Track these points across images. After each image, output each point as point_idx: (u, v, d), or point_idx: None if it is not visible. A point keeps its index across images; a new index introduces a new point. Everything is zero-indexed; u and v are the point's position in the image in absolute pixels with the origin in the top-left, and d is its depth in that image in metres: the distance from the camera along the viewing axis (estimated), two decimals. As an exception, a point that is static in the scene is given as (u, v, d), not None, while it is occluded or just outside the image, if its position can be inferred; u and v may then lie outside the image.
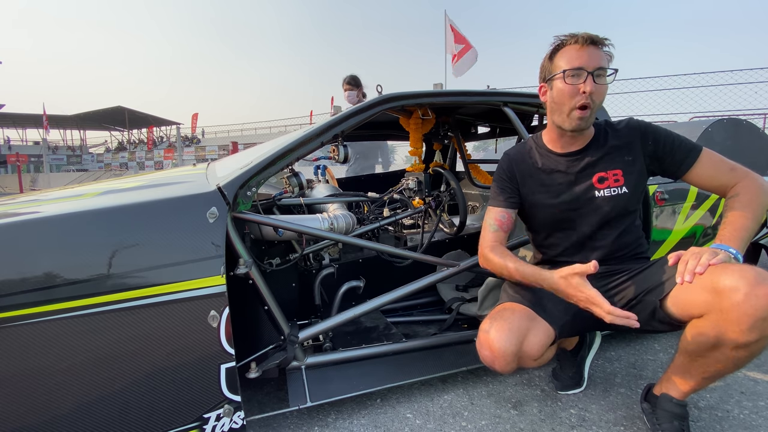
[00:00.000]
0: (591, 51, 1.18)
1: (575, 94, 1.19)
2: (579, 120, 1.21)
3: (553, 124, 1.31)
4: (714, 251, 1.05)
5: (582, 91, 1.17)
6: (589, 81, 1.16)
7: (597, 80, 1.17)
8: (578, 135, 1.29)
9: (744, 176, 1.21)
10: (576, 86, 1.18)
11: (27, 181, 15.18)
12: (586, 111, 1.19)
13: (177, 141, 17.20)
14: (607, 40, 1.20)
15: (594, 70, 1.16)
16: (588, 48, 1.18)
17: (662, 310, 1.14)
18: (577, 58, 1.18)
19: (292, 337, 1.39)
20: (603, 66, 1.18)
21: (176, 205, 1.19)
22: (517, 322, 1.21)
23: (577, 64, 1.17)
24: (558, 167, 1.33)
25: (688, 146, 1.25)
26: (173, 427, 1.13)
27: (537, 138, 1.40)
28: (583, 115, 1.20)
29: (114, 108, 28.09)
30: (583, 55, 1.17)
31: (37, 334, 0.99)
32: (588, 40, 1.18)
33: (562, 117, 1.24)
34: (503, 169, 1.41)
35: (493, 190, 1.42)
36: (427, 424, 1.38)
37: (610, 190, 1.27)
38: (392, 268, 2.03)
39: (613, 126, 1.33)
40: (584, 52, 1.18)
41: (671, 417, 1.20)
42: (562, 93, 1.21)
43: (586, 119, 1.21)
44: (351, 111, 1.51)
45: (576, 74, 1.18)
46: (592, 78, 1.16)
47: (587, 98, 1.17)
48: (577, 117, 1.20)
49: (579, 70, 1.17)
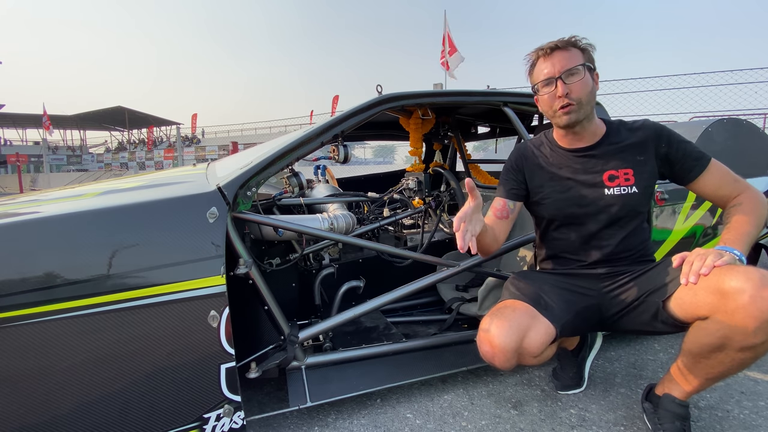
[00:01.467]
0: (556, 57, 1.25)
1: (553, 99, 1.26)
2: (566, 116, 1.26)
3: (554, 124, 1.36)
4: (719, 253, 1.05)
5: (557, 96, 1.25)
6: (560, 84, 1.23)
7: (568, 80, 1.23)
8: (581, 131, 1.31)
9: (746, 188, 1.24)
10: (551, 93, 1.26)
11: (27, 181, 15.18)
12: (569, 107, 1.25)
13: (177, 141, 17.20)
14: (576, 38, 1.27)
15: (561, 73, 1.23)
16: (552, 56, 1.25)
17: (665, 311, 1.14)
18: (544, 69, 1.27)
19: (292, 337, 1.39)
20: (570, 65, 1.23)
21: (176, 205, 1.19)
22: (518, 319, 1.21)
23: (544, 75, 1.26)
24: (568, 162, 1.34)
25: (698, 155, 1.27)
26: (173, 427, 1.13)
27: (548, 133, 1.44)
28: (568, 111, 1.25)
29: (114, 108, 28.09)
30: (548, 65, 1.26)
31: (37, 334, 0.99)
32: (550, 49, 1.26)
33: (554, 118, 1.31)
34: (511, 161, 1.45)
35: (500, 180, 1.46)
36: (427, 424, 1.38)
37: (620, 189, 1.28)
38: (392, 268, 2.03)
39: (627, 125, 1.35)
40: (549, 61, 1.26)
41: (673, 417, 1.20)
42: (544, 103, 1.30)
43: (574, 113, 1.25)
44: (351, 111, 1.51)
45: (547, 83, 1.27)
46: (561, 81, 1.23)
47: (563, 100, 1.24)
48: (563, 114, 1.26)
49: (548, 80, 1.26)
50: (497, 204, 1.40)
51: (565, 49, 1.24)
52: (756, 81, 8.12)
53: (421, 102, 1.74)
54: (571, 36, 1.27)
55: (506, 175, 1.44)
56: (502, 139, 2.90)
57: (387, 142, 3.84)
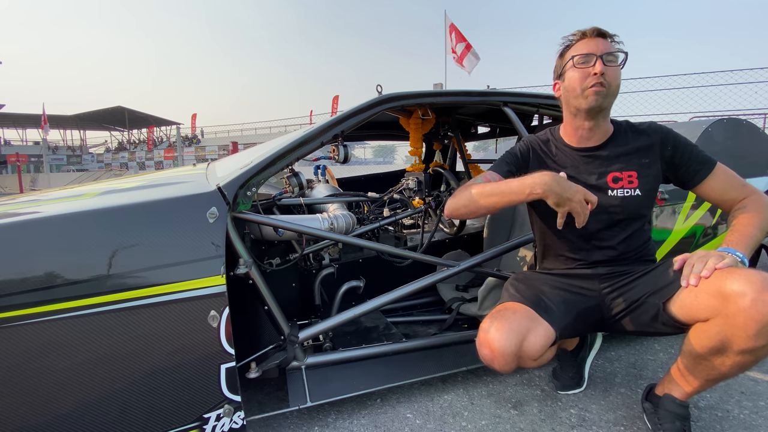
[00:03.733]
0: (599, 41, 1.23)
1: (586, 76, 1.22)
2: (595, 96, 1.21)
3: (569, 117, 1.32)
4: (720, 255, 1.05)
5: (593, 72, 1.20)
6: (599, 63, 1.19)
7: (607, 62, 1.20)
8: (595, 127, 1.28)
9: (753, 192, 1.24)
10: (586, 69, 1.22)
11: (27, 181, 15.18)
12: (601, 88, 1.20)
13: (177, 141, 17.20)
14: (616, 36, 1.25)
15: (603, 53, 1.20)
16: (596, 38, 1.23)
17: (666, 313, 1.14)
18: (585, 46, 1.23)
19: (292, 337, 1.39)
20: (613, 50, 1.21)
21: (176, 205, 1.19)
22: (518, 321, 1.21)
23: (585, 50, 1.22)
24: (573, 162, 1.33)
25: (704, 158, 1.26)
26: (173, 427, 1.13)
27: (554, 131, 1.41)
28: (598, 90, 1.20)
29: (114, 108, 28.09)
30: (591, 43, 1.23)
31: (37, 334, 0.99)
32: (595, 32, 1.23)
33: (578, 99, 1.24)
34: (518, 149, 1.41)
35: (498, 160, 1.42)
36: (427, 424, 1.38)
37: (623, 191, 1.27)
38: (392, 268, 2.03)
39: (634, 127, 1.33)
40: (592, 42, 1.23)
41: (673, 417, 1.20)
42: (574, 79, 1.24)
43: (602, 95, 1.21)
44: (351, 111, 1.51)
45: (585, 60, 1.22)
46: (601, 60, 1.19)
47: (599, 78, 1.19)
48: (593, 93, 1.21)
49: (588, 55, 1.22)
50: (490, 176, 1.34)
51: (608, 39, 1.24)
52: (756, 81, 8.13)
53: (421, 102, 1.74)
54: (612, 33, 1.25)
55: (509, 158, 1.41)
56: (502, 139, 2.90)
57: (387, 142, 3.84)
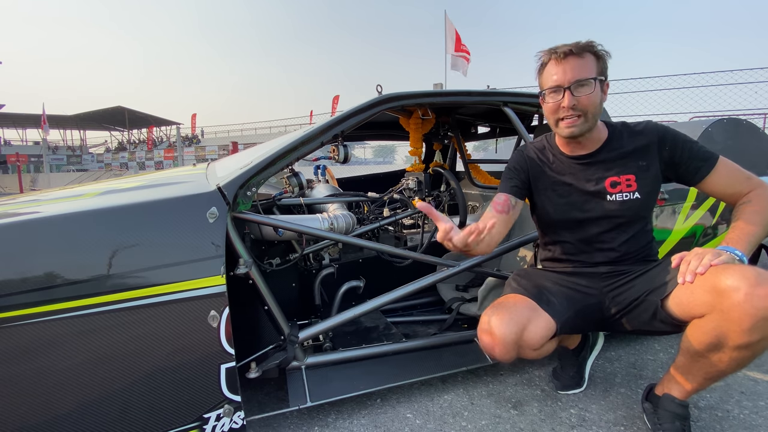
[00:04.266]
0: (569, 64, 1.19)
1: (557, 109, 1.23)
2: (568, 129, 1.24)
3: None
4: (717, 252, 1.05)
5: (562, 106, 1.21)
6: (567, 96, 1.19)
7: (576, 92, 1.18)
8: (583, 140, 1.28)
9: (758, 185, 1.21)
10: (557, 102, 1.22)
11: (27, 181, 15.18)
12: (573, 119, 1.21)
13: (177, 141, 17.20)
14: (592, 43, 1.21)
15: (571, 84, 1.18)
16: (565, 62, 1.19)
17: (664, 311, 1.14)
18: (553, 74, 1.21)
19: (292, 337, 1.39)
20: (582, 77, 1.18)
21: (176, 205, 1.19)
22: (519, 311, 1.22)
23: (553, 82, 1.21)
24: (570, 169, 1.33)
25: (705, 154, 1.24)
26: (173, 427, 1.13)
27: (550, 137, 1.41)
28: (571, 123, 1.22)
29: (114, 108, 28.10)
30: (559, 71, 1.20)
31: (37, 334, 0.99)
32: (563, 54, 1.19)
33: (556, 129, 1.29)
34: (516, 161, 1.42)
35: (502, 178, 1.43)
36: (427, 424, 1.38)
37: (622, 195, 1.26)
38: (392, 268, 2.03)
39: (630, 128, 1.31)
40: (560, 67, 1.20)
41: (673, 417, 1.20)
42: (547, 109, 1.27)
43: (578, 126, 1.22)
44: (351, 111, 1.51)
45: (555, 91, 1.22)
46: (570, 92, 1.18)
47: (568, 110, 1.20)
48: (565, 126, 1.24)
49: (556, 88, 1.21)
50: (499, 198, 1.35)
51: (579, 55, 1.18)
52: (756, 81, 8.14)
53: (421, 102, 1.74)
54: (588, 41, 1.20)
55: (510, 173, 1.40)
56: (502, 139, 2.90)
57: (387, 142, 3.84)
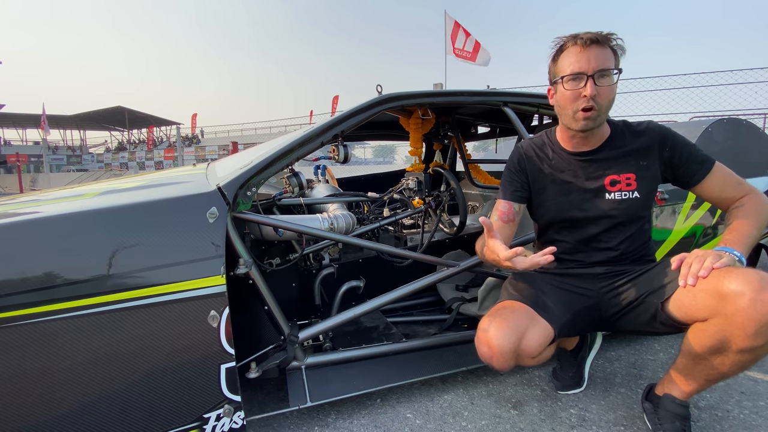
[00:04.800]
0: (592, 52, 1.15)
1: (577, 98, 1.17)
2: (584, 121, 1.19)
3: (563, 126, 1.30)
4: (718, 254, 1.05)
5: (583, 95, 1.16)
6: (590, 84, 1.14)
7: (599, 82, 1.15)
8: (590, 135, 1.26)
9: (750, 190, 1.23)
10: (577, 90, 1.17)
11: (27, 181, 15.18)
12: (591, 112, 1.17)
13: (177, 141, 17.20)
14: (613, 35, 1.17)
15: (594, 72, 1.14)
16: (589, 49, 1.15)
17: (664, 313, 1.14)
18: (576, 62, 1.16)
19: (292, 337, 1.39)
20: (606, 67, 1.15)
21: (176, 205, 1.19)
22: (517, 320, 1.21)
23: (576, 68, 1.16)
24: (570, 166, 1.31)
25: (703, 158, 1.25)
26: (173, 427, 1.13)
27: (550, 133, 1.38)
28: (588, 116, 1.18)
29: (114, 108, 28.09)
30: (583, 57, 1.15)
31: (37, 334, 0.99)
32: (589, 40, 1.15)
33: (569, 120, 1.23)
34: (513, 161, 1.40)
35: (502, 181, 1.42)
36: (427, 424, 1.38)
37: (621, 194, 1.26)
38: (392, 268, 2.03)
39: (631, 128, 1.30)
40: (584, 54, 1.15)
41: (673, 417, 1.20)
42: (565, 98, 1.20)
43: (593, 119, 1.19)
44: (351, 111, 1.51)
45: (576, 78, 1.16)
46: (593, 81, 1.14)
47: (589, 101, 1.16)
48: (582, 118, 1.19)
49: (579, 74, 1.16)
50: (503, 207, 1.35)
51: (603, 45, 1.15)
52: (756, 81, 8.13)
53: (421, 102, 1.74)
54: (610, 32, 1.16)
55: (509, 177, 1.40)
56: (502, 139, 2.90)
57: (387, 142, 3.84)
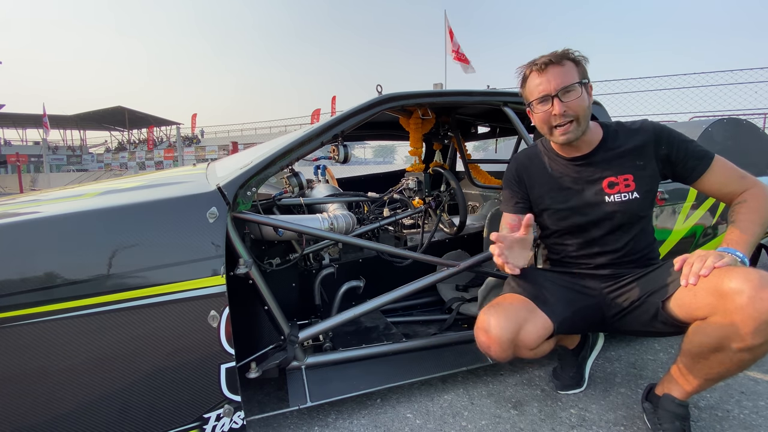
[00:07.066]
0: (550, 73, 1.21)
1: (548, 117, 1.24)
2: (563, 135, 1.24)
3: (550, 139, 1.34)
4: (719, 254, 1.05)
5: (553, 113, 1.22)
6: (557, 103, 1.20)
7: (564, 98, 1.20)
8: (579, 143, 1.29)
9: (753, 184, 1.22)
10: (547, 111, 1.23)
11: (27, 181, 15.18)
12: (567, 126, 1.23)
13: (177, 141, 17.21)
14: (568, 50, 1.23)
15: (557, 91, 1.20)
16: (547, 71, 1.21)
17: (665, 312, 1.14)
18: (538, 85, 1.23)
19: (292, 337, 1.39)
20: (567, 83, 1.20)
21: (176, 205, 1.19)
22: (516, 311, 1.22)
23: (539, 92, 1.23)
24: (567, 172, 1.33)
25: (701, 153, 1.25)
26: (173, 427, 1.13)
27: (545, 141, 1.41)
28: (564, 130, 1.23)
29: (114, 108, 28.08)
30: (543, 81, 1.21)
31: (37, 334, 0.99)
32: (543, 64, 1.21)
33: (551, 137, 1.29)
34: (512, 173, 1.43)
35: (504, 194, 1.45)
36: (427, 424, 1.38)
37: (620, 195, 1.26)
38: (392, 268, 2.03)
39: (625, 128, 1.32)
40: (544, 77, 1.21)
41: (673, 417, 1.20)
42: (539, 119, 1.27)
43: (573, 131, 1.24)
44: (351, 111, 1.51)
45: (543, 101, 1.23)
46: (558, 99, 1.20)
47: (559, 118, 1.21)
48: (560, 134, 1.25)
49: (544, 97, 1.22)
50: (511, 220, 1.38)
51: (559, 63, 1.21)
52: (756, 81, 8.13)
53: (421, 102, 1.74)
54: (564, 49, 1.23)
55: (509, 189, 1.42)
56: (502, 139, 2.90)
57: (387, 142, 3.84)
